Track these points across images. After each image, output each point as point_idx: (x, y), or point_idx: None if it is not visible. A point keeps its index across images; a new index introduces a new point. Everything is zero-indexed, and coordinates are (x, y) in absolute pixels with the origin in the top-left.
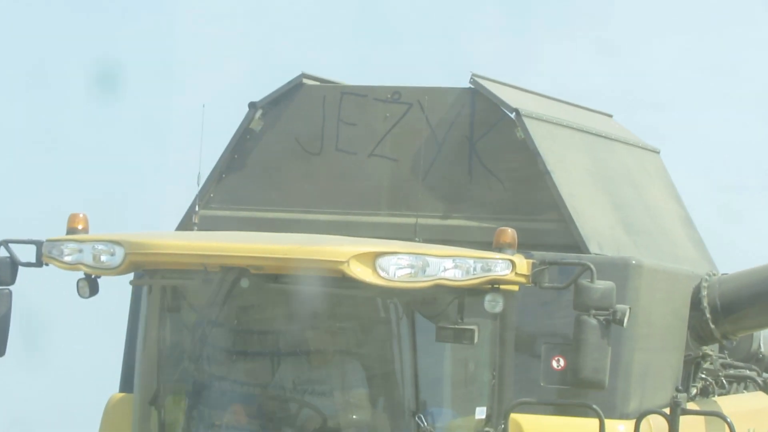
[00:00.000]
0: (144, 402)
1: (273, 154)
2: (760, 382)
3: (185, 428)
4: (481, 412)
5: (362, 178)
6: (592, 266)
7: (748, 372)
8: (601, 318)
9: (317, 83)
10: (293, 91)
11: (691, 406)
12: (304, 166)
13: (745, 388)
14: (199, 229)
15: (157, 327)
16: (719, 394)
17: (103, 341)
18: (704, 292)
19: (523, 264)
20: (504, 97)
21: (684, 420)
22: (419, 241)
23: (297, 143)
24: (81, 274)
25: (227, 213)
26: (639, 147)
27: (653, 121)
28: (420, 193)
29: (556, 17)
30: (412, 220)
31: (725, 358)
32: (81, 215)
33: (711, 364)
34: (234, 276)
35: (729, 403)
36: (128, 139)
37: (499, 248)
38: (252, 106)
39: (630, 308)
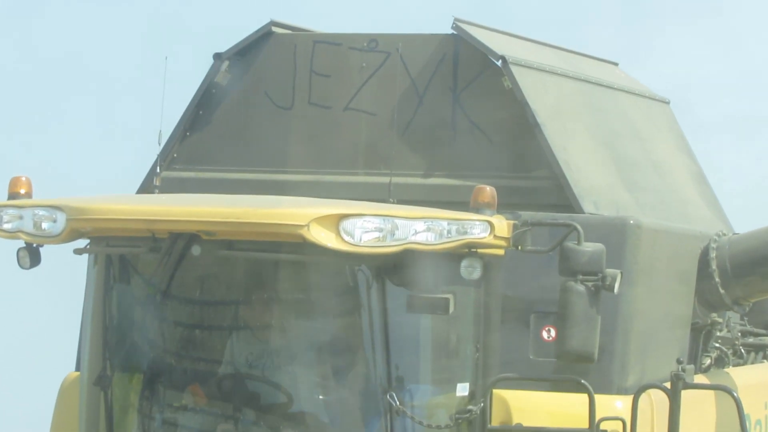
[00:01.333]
0: (90, 382)
1: (241, 109)
2: None
3: (136, 410)
4: (463, 389)
5: (337, 134)
6: (578, 227)
7: None
8: (590, 284)
9: (288, 31)
10: (262, 40)
11: (700, 378)
12: (274, 121)
13: (765, 357)
14: (161, 192)
15: (103, 300)
16: (735, 365)
17: (60, 315)
18: (713, 254)
19: (502, 226)
20: (490, 43)
21: (692, 393)
22: (394, 202)
23: (266, 97)
24: (21, 243)
25: (192, 174)
26: (646, 97)
27: None
28: (399, 150)
29: (674, 5)
30: (389, 179)
31: (745, 325)
32: (23, 179)
33: (728, 331)
34: (184, 242)
35: (745, 375)
36: (84, 95)
37: (477, 208)
38: (217, 57)
39: (622, 273)
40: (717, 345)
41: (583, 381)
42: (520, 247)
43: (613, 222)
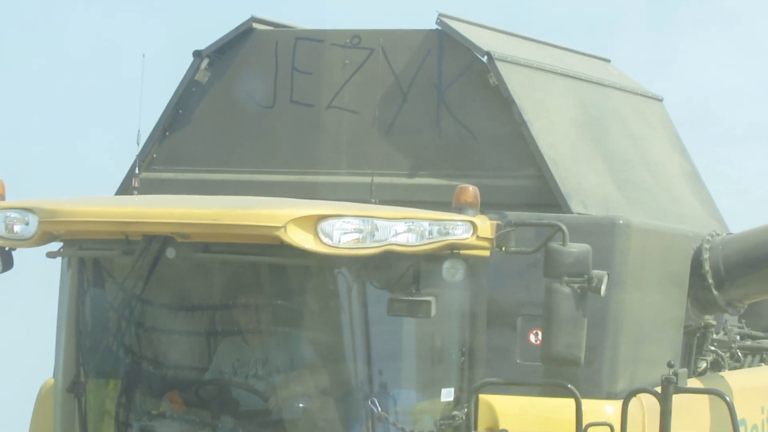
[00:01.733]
0: (64, 390)
1: (222, 108)
2: None
3: (111, 417)
4: (448, 394)
5: (320, 133)
6: (563, 227)
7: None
8: (575, 286)
9: (269, 28)
10: (242, 37)
11: (694, 382)
12: (256, 121)
13: (762, 360)
14: (140, 194)
15: (76, 305)
16: (732, 368)
17: (37, 320)
18: (706, 255)
19: (486, 226)
20: (475, 39)
21: (685, 398)
22: (376, 203)
23: (247, 95)
24: None
25: (172, 175)
26: (638, 94)
27: None
28: (382, 149)
29: (696, 14)
30: (371, 179)
31: (743, 328)
32: None
33: (725, 334)
34: (158, 245)
35: (742, 378)
36: (61, 93)
37: (460, 208)
38: (197, 55)
39: (609, 274)
40: (713, 348)
41: (569, 386)
42: (504, 248)
43: (602, 222)
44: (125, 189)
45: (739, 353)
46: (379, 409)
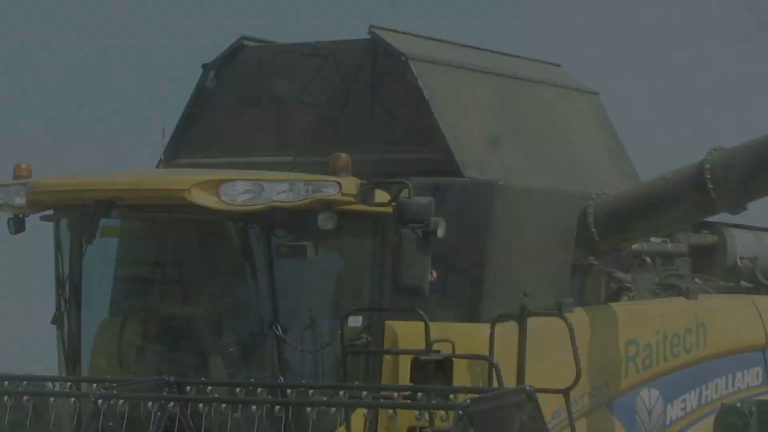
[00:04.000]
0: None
1: (223, 108)
2: (683, 288)
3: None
4: (355, 321)
5: (290, 124)
6: (409, 183)
7: (676, 281)
8: (418, 230)
9: (256, 44)
10: (237, 51)
11: (580, 312)
12: (248, 116)
13: (675, 294)
14: None
15: (56, 257)
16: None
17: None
18: (590, 210)
19: (351, 185)
20: (399, 45)
21: (574, 321)
22: None
23: (242, 97)
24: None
25: (192, 160)
26: (572, 89)
27: None
28: (333, 135)
29: None
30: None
31: (677, 270)
32: (24, 165)
33: (656, 276)
34: (103, 207)
35: (637, 307)
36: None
37: (335, 172)
38: (205, 67)
39: (445, 219)
40: (628, 286)
41: (420, 311)
42: (367, 203)
43: (484, 183)
44: None
45: (659, 291)
46: (281, 332)
